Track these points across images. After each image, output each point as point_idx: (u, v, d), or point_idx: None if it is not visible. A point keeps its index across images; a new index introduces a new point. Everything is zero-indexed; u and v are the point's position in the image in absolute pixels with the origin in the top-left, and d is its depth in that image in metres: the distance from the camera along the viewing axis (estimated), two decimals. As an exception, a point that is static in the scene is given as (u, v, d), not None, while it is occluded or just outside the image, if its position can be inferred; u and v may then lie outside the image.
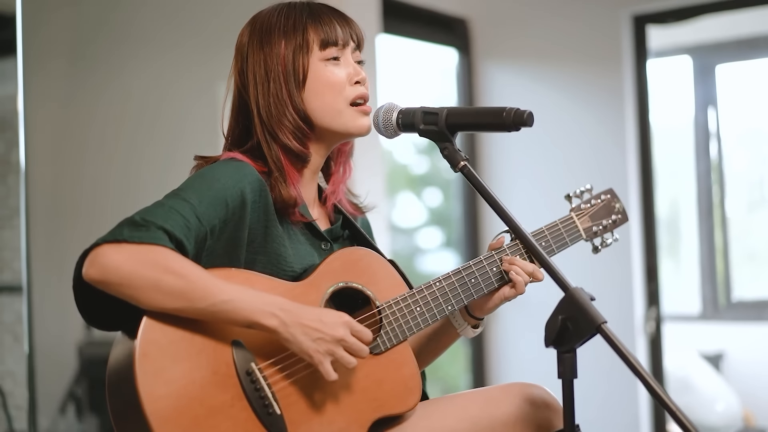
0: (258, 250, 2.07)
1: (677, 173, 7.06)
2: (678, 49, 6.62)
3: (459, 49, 5.66)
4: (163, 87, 4.76)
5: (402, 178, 6.96)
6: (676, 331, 6.39)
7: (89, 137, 5.01)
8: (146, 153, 4.77)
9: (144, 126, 4.87)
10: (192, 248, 1.94)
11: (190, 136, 4.66)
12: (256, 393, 1.95)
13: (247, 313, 1.91)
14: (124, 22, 4.95)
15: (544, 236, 2.31)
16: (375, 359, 2.10)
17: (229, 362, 1.94)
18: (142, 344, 1.87)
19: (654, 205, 5.33)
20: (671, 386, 5.75)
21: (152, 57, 4.89)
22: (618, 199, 2.47)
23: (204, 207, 1.97)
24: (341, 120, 2.15)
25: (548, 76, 5.51)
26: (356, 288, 2.13)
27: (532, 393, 2.17)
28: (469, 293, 2.20)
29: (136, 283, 1.87)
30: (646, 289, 5.29)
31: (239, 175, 2.05)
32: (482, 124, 2.08)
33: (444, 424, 2.13)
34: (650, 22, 5.33)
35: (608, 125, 5.31)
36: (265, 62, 2.13)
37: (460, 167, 2.05)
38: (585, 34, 5.38)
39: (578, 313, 1.89)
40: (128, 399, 1.86)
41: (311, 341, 1.94)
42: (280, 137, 2.11)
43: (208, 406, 1.90)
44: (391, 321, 2.13)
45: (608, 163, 5.30)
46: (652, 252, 5.31)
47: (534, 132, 5.36)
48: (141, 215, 1.92)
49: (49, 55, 5.07)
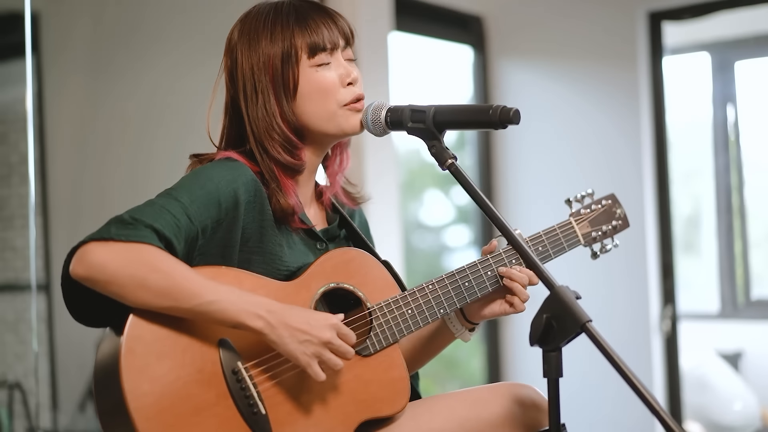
0: (254, 250, 2.06)
1: (697, 171, 7.01)
2: (696, 46, 6.57)
3: (474, 47, 5.64)
4: (180, 84, 4.77)
5: (429, 176, 6.94)
6: (694, 330, 6.35)
7: (107, 136, 5.04)
8: (164, 150, 4.78)
9: (162, 124, 4.89)
10: (182, 248, 1.94)
11: (206, 134, 4.67)
12: (241, 392, 1.95)
13: (233, 314, 1.91)
14: (140, 22, 4.97)
15: (542, 241, 2.28)
16: (364, 361, 2.10)
17: (216, 361, 1.94)
18: (127, 341, 1.88)
19: (669, 203, 5.30)
20: (687, 385, 5.70)
21: (169, 55, 4.90)
22: (619, 205, 2.43)
23: (196, 207, 1.97)
24: (336, 122, 2.13)
25: (563, 73, 5.49)
26: (348, 289, 2.13)
27: (520, 393, 2.15)
28: (463, 297, 2.19)
29: (122, 281, 1.87)
30: (661, 287, 5.26)
31: (233, 175, 2.04)
32: (469, 122, 2.07)
33: (431, 425, 2.12)
34: (666, 18, 5.29)
35: (624, 123, 5.29)
36: (253, 71, 2.10)
37: (447, 165, 2.03)
38: (600, 32, 5.35)
39: (563, 311, 1.87)
40: (113, 395, 1.87)
41: (298, 343, 1.93)
42: (270, 151, 2.09)
43: (192, 404, 1.90)
44: (382, 323, 2.12)
45: (623, 160, 5.28)
46: (667, 250, 5.27)
47: (549, 129, 5.42)
48: (130, 213, 1.93)
49: (67, 55, 5.10)
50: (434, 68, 6.29)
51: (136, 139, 4.98)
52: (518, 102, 5.55)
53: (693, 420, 5.86)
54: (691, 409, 5.84)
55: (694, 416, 5.89)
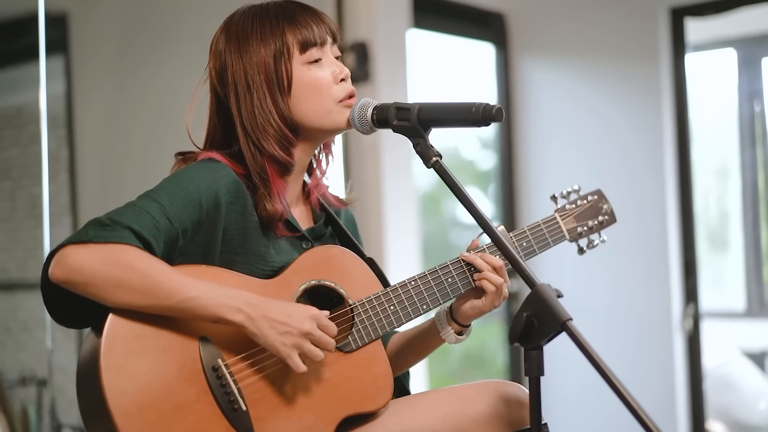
0: (237, 251, 2.07)
1: (724, 167, 6.95)
2: (722, 42, 6.52)
3: (495, 44, 5.63)
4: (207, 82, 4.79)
5: (468, 174, 6.94)
6: (720, 329, 6.29)
7: (135, 134, 5.07)
8: (191, 148, 4.79)
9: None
10: (161, 249, 1.95)
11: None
12: (221, 389, 1.96)
13: (213, 309, 1.92)
14: (167, 21, 4.99)
15: (526, 236, 2.28)
16: (346, 357, 2.10)
17: (196, 358, 1.95)
18: (107, 339, 1.89)
19: (692, 202, 5.26)
20: (711, 385, 5.65)
21: (196, 53, 4.91)
22: (606, 201, 2.42)
23: (176, 208, 1.98)
24: (332, 118, 2.14)
25: (585, 70, 5.47)
26: (329, 286, 2.13)
27: (506, 391, 2.14)
28: (446, 293, 2.19)
29: (99, 282, 1.88)
30: (683, 286, 5.22)
31: (214, 176, 2.05)
32: (453, 120, 2.06)
33: (415, 421, 2.11)
34: (688, 14, 5.25)
35: (646, 120, 5.25)
36: (245, 71, 2.11)
37: (431, 163, 2.03)
38: (622, 28, 5.32)
39: (543, 309, 1.86)
40: (94, 394, 1.88)
41: (278, 335, 1.94)
42: (265, 147, 2.10)
43: (172, 402, 1.91)
44: (364, 319, 2.13)
45: (645, 157, 5.25)
46: (690, 249, 5.23)
47: (570, 126, 5.39)
48: (109, 216, 1.94)
49: (95, 54, 5.14)
50: (455, 66, 6.27)
51: (163, 138, 5.01)
52: (540, 99, 5.54)
53: (716, 419, 5.81)
54: (715, 408, 5.79)
55: (717, 416, 5.84)
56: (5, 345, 5.36)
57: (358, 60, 4.48)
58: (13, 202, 5.38)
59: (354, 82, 4.76)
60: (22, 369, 5.10)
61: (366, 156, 4.56)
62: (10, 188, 5.38)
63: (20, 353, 5.30)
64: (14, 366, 5.17)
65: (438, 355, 6.43)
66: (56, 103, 5.11)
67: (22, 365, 5.17)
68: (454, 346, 2.42)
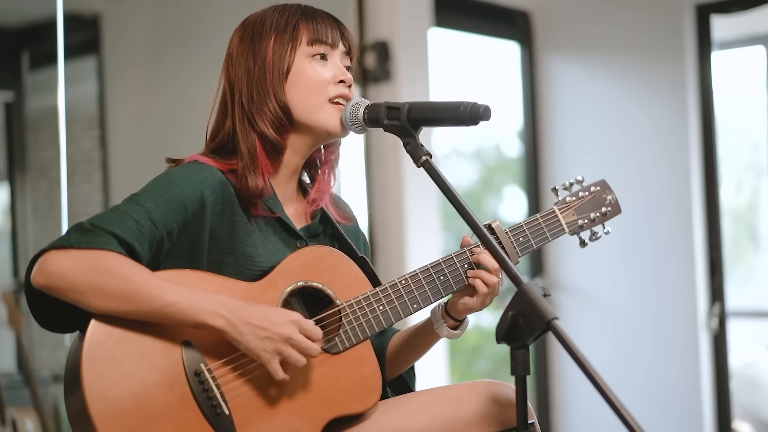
0: (225, 252, 2.07)
1: (753, 165, 6.89)
2: (751, 39, 6.44)
3: (521, 43, 5.61)
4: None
5: (509, 173, 6.93)
6: (749, 328, 6.23)
7: (166, 133, 5.09)
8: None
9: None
10: (145, 252, 1.96)
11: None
12: (203, 393, 1.96)
13: (193, 314, 1.92)
14: (198, 20, 5.02)
15: (522, 231, 2.25)
16: (333, 358, 2.09)
17: (178, 363, 1.95)
18: (88, 345, 1.90)
19: (718, 200, 5.21)
20: (737, 384, 5.60)
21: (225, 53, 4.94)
22: (610, 191, 2.35)
23: (160, 211, 1.99)
24: (320, 116, 2.14)
25: (610, 68, 5.44)
26: (316, 287, 2.12)
27: (497, 391, 2.13)
28: (437, 291, 2.17)
29: (80, 287, 1.89)
30: (709, 285, 5.18)
31: (199, 177, 2.06)
32: (441, 119, 2.06)
33: (405, 422, 2.10)
34: (714, 11, 5.20)
35: (671, 118, 5.22)
36: (254, 54, 2.15)
37: (421, 162, 2.03)
38: (647, 26, 5.29)
39: (529, 308, 1.84)
40: (77, 399, 1.89)
41: (258, 340, 1.94)
42: (258, 124, 2.11)
43: (154, 407, 1.91)
44: (352, 320, 2.11)
45: (671, 155, 5.21)
46: (716, 248, 5.19)
47: (596, 124, 5.36)
48: (91, 221, 1.95)
49: (127, 54, 5.18)
50: (478, 65, 6.26)
51: (195, 136, 5.03)
52: (565, 97, 5.52)
53: (742, 419, 5.75)
54: (741, 408, 5.73)
55: (743, 415, 5.78)
56: (39, 343, 5.41)
57: (379, 59, 4.48)
58: (51, 201, 5.43)
59: (375, 81, 4.75)
60: (55, 367, 5.14)
61: (386, 156, 4.56)
62: (47, 188, 5.43)
63: (53, 351, 5.35)
64: (47, 364, 5.21)
65: (465, 354, 6.40)
66: (90, 104, 5.15)
67: (54, 363, 5.22)
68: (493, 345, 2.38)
